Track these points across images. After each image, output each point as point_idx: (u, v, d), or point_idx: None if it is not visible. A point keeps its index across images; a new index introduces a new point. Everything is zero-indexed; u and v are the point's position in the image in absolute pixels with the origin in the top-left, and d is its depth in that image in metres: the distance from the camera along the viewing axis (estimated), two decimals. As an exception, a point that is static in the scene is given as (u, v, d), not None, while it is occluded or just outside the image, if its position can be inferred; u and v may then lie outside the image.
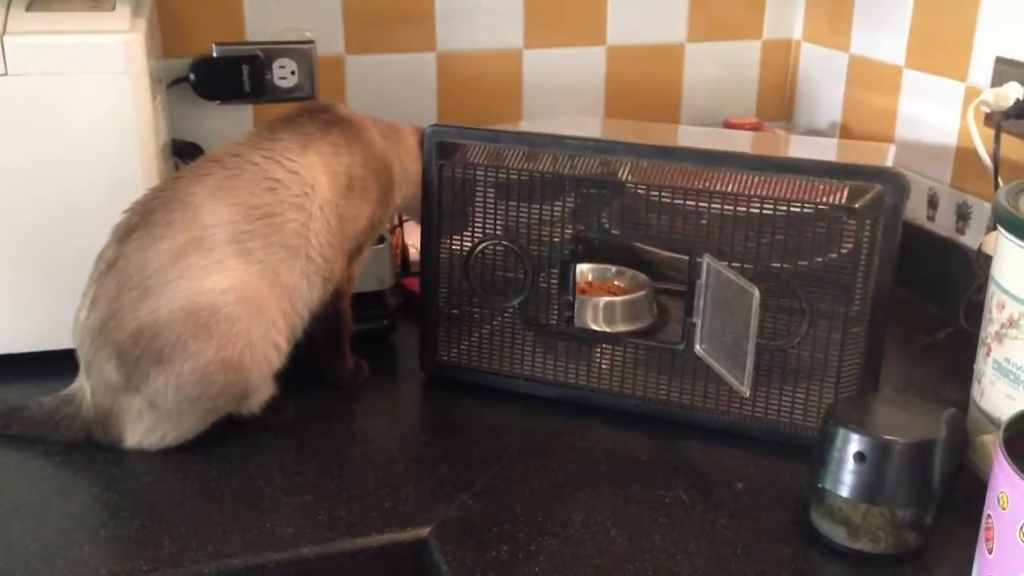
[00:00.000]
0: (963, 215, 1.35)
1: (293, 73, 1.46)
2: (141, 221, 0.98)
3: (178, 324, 0.95)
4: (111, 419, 0.99)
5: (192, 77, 1.42)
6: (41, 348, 1.13)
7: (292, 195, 1.03)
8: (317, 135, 1.08)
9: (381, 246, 1.24)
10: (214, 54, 1.42)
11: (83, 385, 1.00)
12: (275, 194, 1.02)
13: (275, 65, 1.45)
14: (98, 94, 1.08)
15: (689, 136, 1.37)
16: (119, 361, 0.96)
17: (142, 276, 0.96)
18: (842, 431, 0.86)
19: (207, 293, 0.96)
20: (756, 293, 0.92)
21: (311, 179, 1.05)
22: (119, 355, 0.96)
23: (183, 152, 1.40)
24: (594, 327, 1.17)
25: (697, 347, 1.04)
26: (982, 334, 0.98)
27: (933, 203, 1.41)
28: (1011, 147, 1.23)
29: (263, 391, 1.03)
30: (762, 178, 1.00)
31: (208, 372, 0.96)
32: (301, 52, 1.46)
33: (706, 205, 1.02)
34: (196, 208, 0.99)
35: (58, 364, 1.04)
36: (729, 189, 1.01)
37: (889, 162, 1.07)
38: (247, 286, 0.98)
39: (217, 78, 1.44)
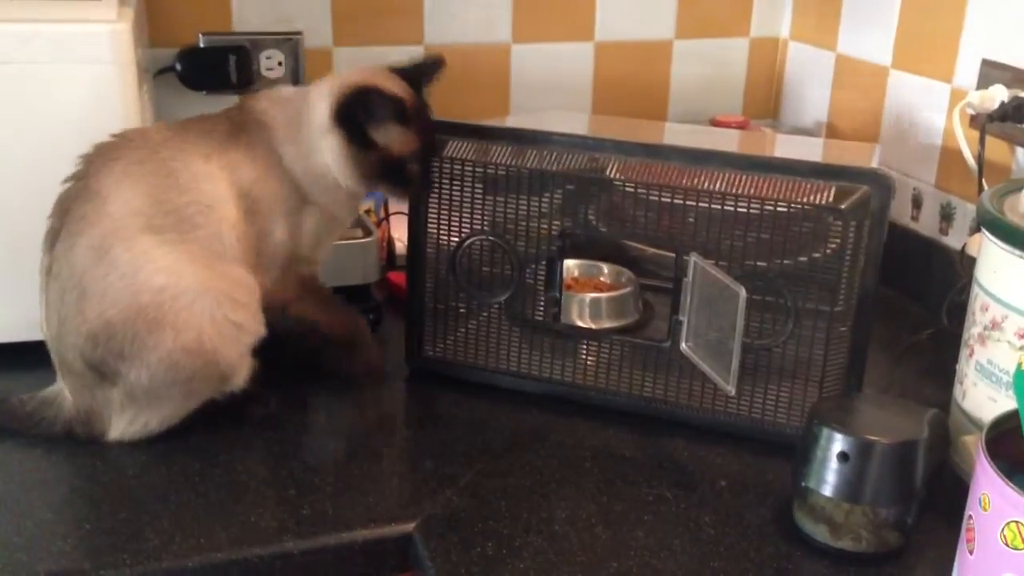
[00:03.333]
0: (947, 216, 1.36)
1: (280, 64, 1.45)
2: (63, 221, 0.97)
3: (130, 322, 0.95)
4: (93, 416, 1.00)
5: (178, 67, 1.41)
6: (23, 339, 1.12)
7: (196, 201, 0.99)
8: (222, 145, 1.02)
9: (368, 240, 1.24)
10: (201, 44, 1.41)
11: (62, 387, 1.01)
12: (181, 196, 0.98)
13: (262, 56, 1.44)
14: (84, 84, 1.07)
15: (676, 134, 1.37)
16: (85, 363, 0.97)
17: (75, 279, 0.96)
18: (826, 431, 0.87)
19: (146, 292, 0.95)
20: (743, 293, 0.93)
21: (213, 193, 1.00)
22: (83, 357, 0.97)
23: (168, 142, 1.39)
24: (580, 323, 1.17)
25: (683, 345, 1.04)
26: (965, 335, 0.99)
27: (917, 203, 1.42)
28: (995, 149, 1.24)
29: (242, 368, 1.01)
30: (749, 177, 1.01)
31: (173, 360, 0.96)
32: (288, 43, 1.45)
33: (693, 203, 1.02)
34: (104, 198, 0.97)
35: (36, 355, 1.03)
36: (716, 188, 1.01)
37: (875, 162, 1.07)
38: (180, 276, 0.96)
39: (204, 68, 1.42)
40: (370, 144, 1.03)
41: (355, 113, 1.01)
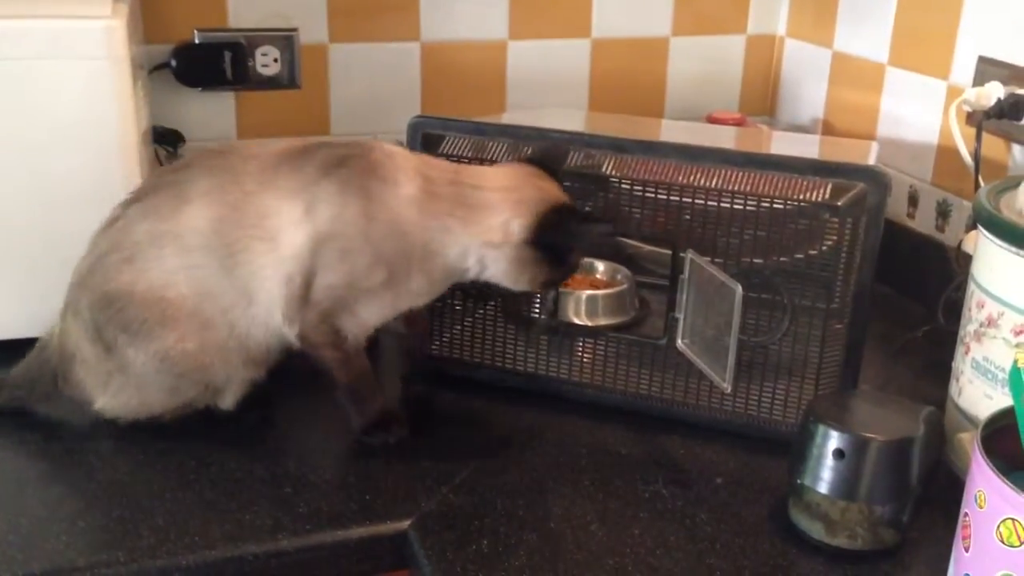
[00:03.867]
0: (943, 213, 1.36)
1: (276, 61, 1.45)
2: (148, 192, 1.00)
3: (147, 305, 0.97)
4: (71, 369, 1.01)
5: (173, 63, 1.40)
6: (17, 336, 1.12)
7: (250, 236, 0.97)
8: (312, 176, 0.97)
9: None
10: (196, 40, 1.41)
11: (54, 330, 1.02)
12: (236, 231, 0.97)
13: (257, 52, 1.44)
14: (79, 80, 1.06)
15: (673, 131, 1.37)
16: (91, 313, 0.98)
17: (129, 242, 0.98)
18: (822, 428, 0.87)
19: (174, 288, 0.97)
20: (739, 290, 0.93)
21: (278, 226, 0.96)
22: (91, 307, 0.98)
23: (164, 139, 1.39)
24: (576, 320, 1.17)
25: (679, 342, 1.04)
26: (961, 332, 0.99)
27: (913, 200, 1.42)
28: (991, 146, 1.24)
29: (235, 390, 1.02)
30: (746, 174, 1.01)
31: (169, 356, 0.97)
32: (284, 39, 1.45)
33: (689, 200, 1.02)
34: (183, 201, 0.98)
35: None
36: (713, 184, 1.01)
37: (872, 160, 1.07)
38: (204, 298, 0.97)
39: (199, 65, 1.42)
40: (565, 261, 1.01)
41: (556, 237, 0.98)
